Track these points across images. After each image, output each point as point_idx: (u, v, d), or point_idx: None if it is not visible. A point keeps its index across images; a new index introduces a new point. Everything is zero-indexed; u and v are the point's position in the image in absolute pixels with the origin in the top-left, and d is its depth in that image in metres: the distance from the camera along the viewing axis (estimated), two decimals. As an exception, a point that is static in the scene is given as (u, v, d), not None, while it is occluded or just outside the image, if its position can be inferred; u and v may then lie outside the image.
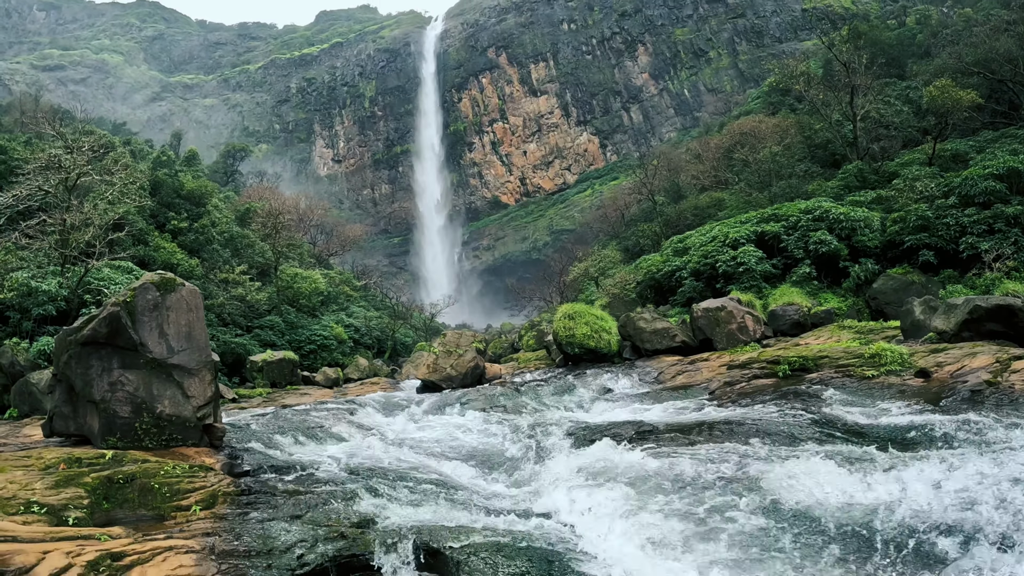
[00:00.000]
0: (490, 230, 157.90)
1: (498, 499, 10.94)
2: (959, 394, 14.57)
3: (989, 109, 55.60)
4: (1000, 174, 38.06)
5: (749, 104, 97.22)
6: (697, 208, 61.57)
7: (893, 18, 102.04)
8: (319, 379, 39.91)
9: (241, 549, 8.33)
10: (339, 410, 19.58)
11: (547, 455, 13.20)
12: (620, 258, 62.88)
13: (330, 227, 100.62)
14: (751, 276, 39.74)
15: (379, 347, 60.57)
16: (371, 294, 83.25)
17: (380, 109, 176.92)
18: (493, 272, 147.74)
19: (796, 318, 31.17)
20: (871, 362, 18.02)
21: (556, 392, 22.21)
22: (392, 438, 15.39)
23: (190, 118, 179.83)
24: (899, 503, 8.95)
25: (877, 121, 56.28)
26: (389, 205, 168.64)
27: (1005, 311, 19.75)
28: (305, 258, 72.38)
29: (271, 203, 67.24)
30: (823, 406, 15.26)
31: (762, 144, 61.00)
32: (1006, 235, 35.22)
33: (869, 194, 45.33)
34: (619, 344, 30.57)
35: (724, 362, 22.88)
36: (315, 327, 51.31)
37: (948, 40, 69.78)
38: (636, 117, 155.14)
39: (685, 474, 11.02)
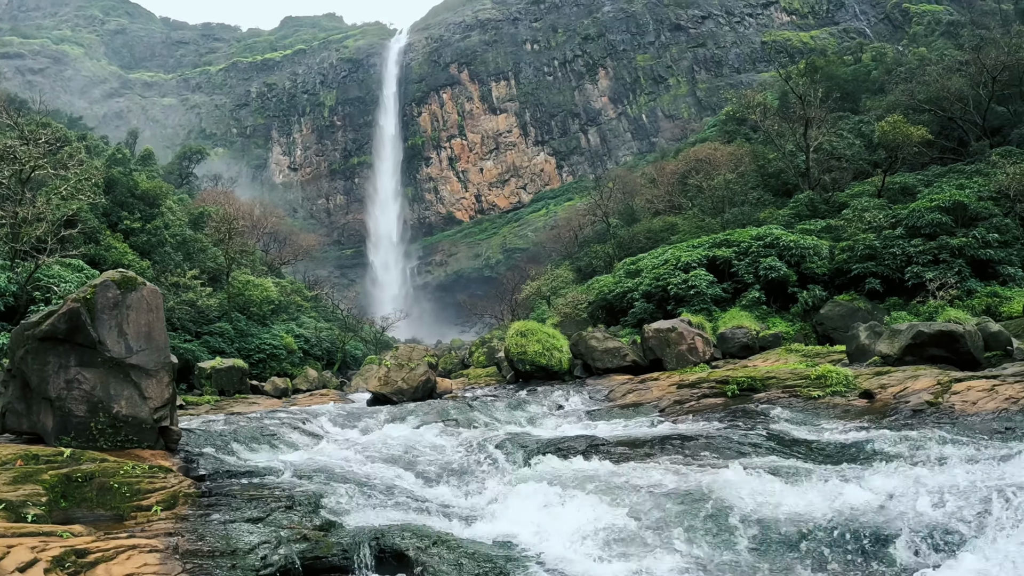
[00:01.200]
0: (443, 246, 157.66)
1: (456, 507, 11.07)
2: (901, 414, 15.16)
3: (938, 145, 57.18)
4: (946, 207, 39.17)
5: (705, 132, 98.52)
6: (650, 231, 62.21)
7: (850, 54, 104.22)
8: (268, 388, 39.65)
9: (205, 549, 8.36)
10: (291, 419, 19.49)
11: (501, 467, 13.39)
12: (572, 278, 63.30)
13: (283, 235, 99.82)
14: (702, 299, 40.30)
15: (329, 359, 60.23)
16: (322, 305, 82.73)
17: (339, 119, 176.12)
18: (445, 288, 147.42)
19: (745, 341, 31.78)
20: (817, 383, 18.49)
21: (508, 407, 22.33)
22: (346, 448, 15.38)
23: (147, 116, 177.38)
24: (842, 510, 9.35)
25: (829, 153, 57.48)
26: (343, 216, 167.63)
27: (947, 337, 20.50)
28: (257, 265, 71.83)
29: (226, 208, 66.60)
30: (771, 423, 15.67)
31: (717, 171, 61.88)
32: (950, 265, 36.40)
33: (819, 223, 46.29)
34: (570, 362, 30.86)
35: (674, 381, 23.18)
36: (265, 336, 50.94)
37: (902, 77, 71.52)
38: (594, 139, 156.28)
39: (638, 484, 11.25)
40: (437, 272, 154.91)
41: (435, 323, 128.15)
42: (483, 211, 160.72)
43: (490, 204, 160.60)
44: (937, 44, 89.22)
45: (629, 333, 38.51)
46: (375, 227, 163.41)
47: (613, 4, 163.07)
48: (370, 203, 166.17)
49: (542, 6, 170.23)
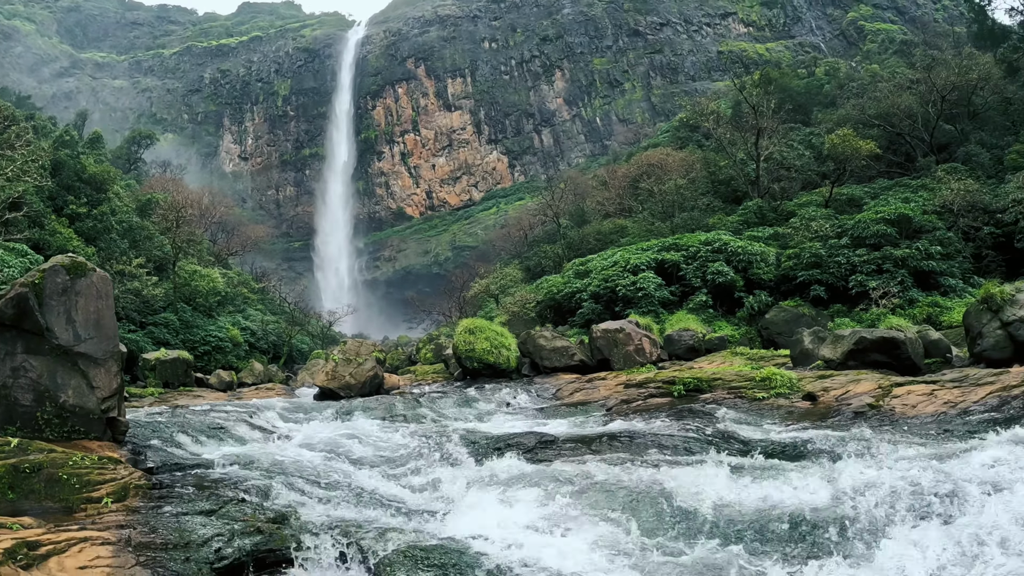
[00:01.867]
0: (392, 241, 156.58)
1: (409, 502, 11.13)
2: (843, 415, 15.64)
3: (886, 159, 58.48)
4: (891, 219, 40.18)
5: (658, 137, 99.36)
6: (600, 233, 62.54)
7: (804, 67, 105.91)
8: (213, 381, 39.20)
9: (158, 542, 8.32)
10: (238, 413, 19.37)
11: (452, 461, 13.47)
12: (521, 277, 63.40)
13: (232, 226, 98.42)
14: (650, 301, 40.67)
15: (275, 352, 59.61)
16: (269, 298, 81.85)
17: (293, 109, 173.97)
18: (393, 284, 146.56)
19: (691, 343, 32.18)
20: (762, 385, 18.86)
21: (455, 404, 22.46)
22: (296, 442, 15.30)
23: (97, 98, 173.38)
24: (779, 502, 9.75)
25: (779, 163, 58.41)
26: (293, 208, 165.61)
27: (889, 343, 21.19)
28: (204, 256, 70.82)
29: (174, 195, 65.56)
30: (716, 423, 15.96)
31: (668, 176, 62.49)
32: (893, 275, 37.43)
33: (767, 230, 47.05)
34: (518, 360, 30.98)
35: (621, 381, 23.44)
36: (211, 328, 50.34)
37: (853, 92, 72.86)
38: (547, 140, 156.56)
39: (589, 479, 11.42)
40: (386, 268, 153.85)
41: (382, 319, 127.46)
42: (434, 208, 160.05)
43: (441, 201, 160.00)
44: (890, 62, 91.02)
45: (577, 333, 38.72)
46: (325, 220, 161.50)
47: (573, 7, 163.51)
48: (320, 196, 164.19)
49: (502, 5, 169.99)
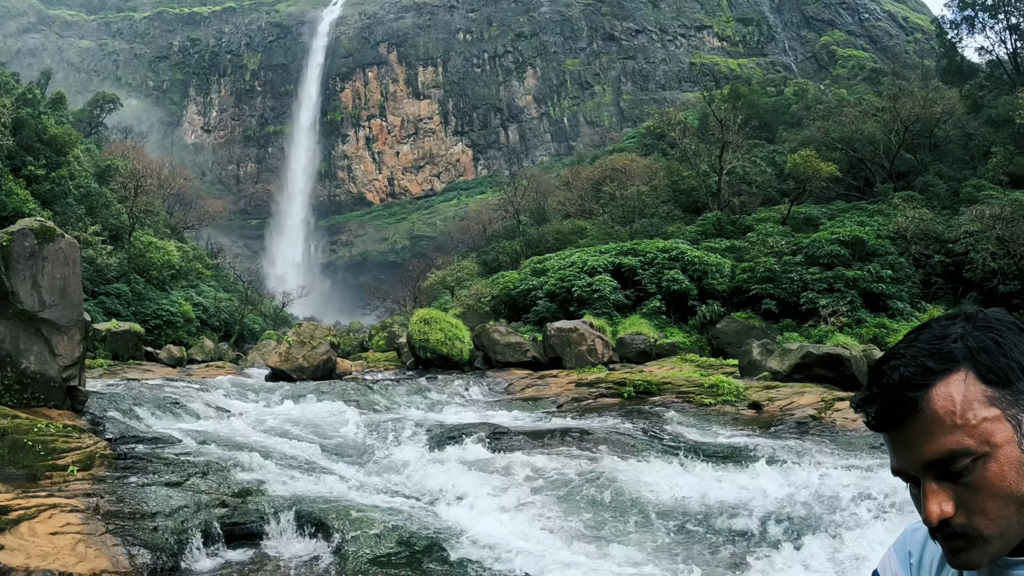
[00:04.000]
0: (351, 226, 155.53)
1: (368, 483, 11.31)
2: (786, 425, 16.18)
3: (846, 182, 59.70)
4: (846, 241, 41.07)
5: (624, 142, 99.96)
6: (559, 233, 62.91)
7: (773, 86, 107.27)
8: (163, 356, 38.79)
9: (126, 511, 8.40)
10: (191, 389, 19.57)
11: (408, 447, 13.67)
12: (478, 271, 63.50)
13: (190, 198, 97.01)
14: (604, 303, 41.04)
15: (226, 330, 59.08)
16: (223, 274, 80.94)
17: (260, 84, 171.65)
18: (349, 269, 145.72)
19: (643, 347, 32.56)
20: (710, 391, 19.30)
21: (408, 393, 22.52)
22: (252, 420, 15.48)
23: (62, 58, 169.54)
24: (720, 500, 10.17)
25: (741, 177, 59.19)
26: (253, 185, 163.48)
27: (834, 359, 21.92)
28: (161, 227, 69.92)
29: (134, 163, 64.49)
30: (665, 424, 16.39)
31: (631, 182, 62.87)
32: (843, 295, 38.38)
33: (724, 242, 47.76)
34: (471, 353, 31.16)
35: (572, 379, 23.74)
36: (163, 301, 49.78)
37: (820, 115, 73.92)
38: (513, 136, 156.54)
39: (542, 468, 11.82)
40: (342, 252, 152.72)
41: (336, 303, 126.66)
42: (395, 195, 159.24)
43: (402, 189, 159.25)
44: (858, 88, 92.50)
45: (530, 330, 38.95)
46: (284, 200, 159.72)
47: (551, 5, 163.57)
48: (282, 175, 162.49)
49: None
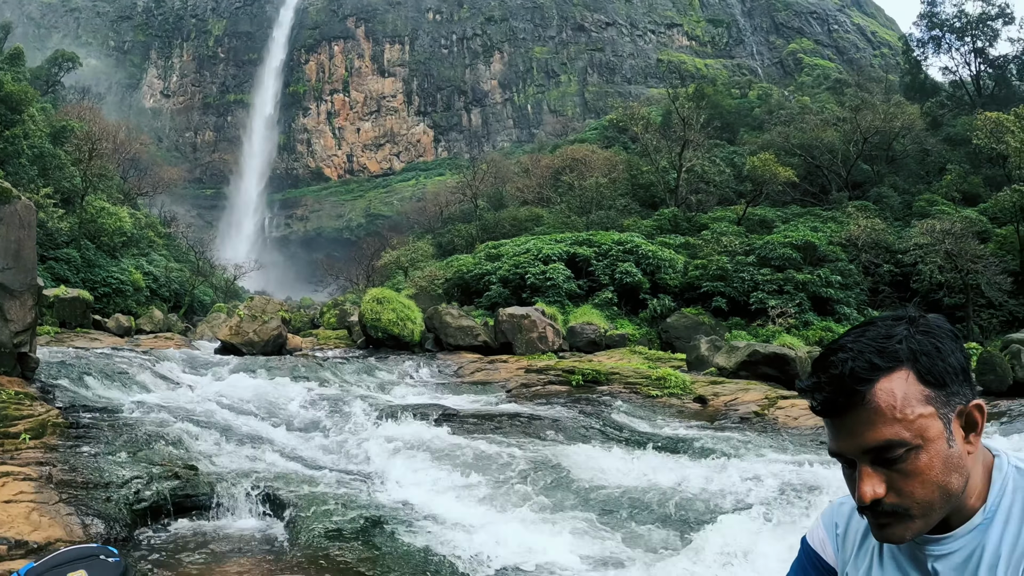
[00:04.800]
0: (307, 201, 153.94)
1: (319, 459, 11.39)
2: (730, 419, 16.59)
3: (802, 188, 60.53)
4: (798, 244, 41.78)
5: (586, 133, 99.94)
6: (516, 219, 62.90)
7: (738, 88, 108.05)
8: (111, 325, 38.09)
9: (79, 480, 8.39)
10: (141, 360, 19.24)
11: (359, 425, 13.75)
12: (432, 253, 63.26)
13: (145, 164, 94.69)
14: (557, 292, 41.13)
15: (176, 301, 58.03)
16: (175, 244, 79.51)
17: (224, 51, 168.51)
18: (303, 244, 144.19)
19: (592, 337, 32.65)
20: (657, 384, 19.53)
21: (358, 371, 22.51)
22: (203, 393, 15.44)
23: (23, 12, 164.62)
24: (668, 486, 10.49)
25: (700, 176, 59.68)
26: (209, 154, 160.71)
27: (780, 359, 22.47)
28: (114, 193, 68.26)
29: (90, 125, 63.04)
30: (612, 413, 16.65)
31: (590, 173, 63.05)
32: (793, 297, 39.10)
33: (679, 239, 48.19)
34: (422, 335, 31.04)
35: (522, 365, 23.96)
36: (113, 269, 48.84)
37: (781, 120, 74.74)
38: (475, 120, 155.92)
39: (491, 451, 12.00)
40: (297, 227, 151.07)
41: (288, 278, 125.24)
42: (353, 172, 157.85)
43: (361, 166, 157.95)
44: (821, 97, 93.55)
45: (482, 315, 38.88)
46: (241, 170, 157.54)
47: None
48: (240, 145, 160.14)
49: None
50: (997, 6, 75.14)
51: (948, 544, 2.03)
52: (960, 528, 2.02)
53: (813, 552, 2.45)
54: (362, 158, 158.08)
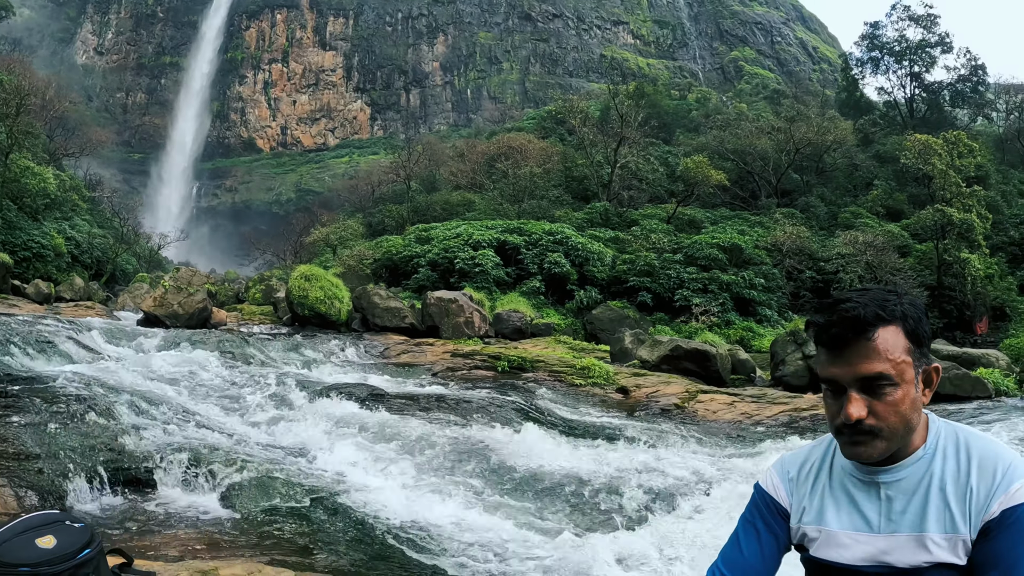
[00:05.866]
0: (237, 172, 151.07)
1: (251, 434, 11.46)
2: (651, 410, 17.05)
3: (732, 191, 61.92)
4: (725, 246, 42.76)
5: (524, 122, 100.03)
6: (448, 203, 62.84)
7: (678, 90, 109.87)
8: (30, 292, 37.25)
9: (10, 451, 8.29)
10: (62, 328, 18.94)
11: (288, 402, 13.86)
12: (362, 232, 62.84)
13: (73, 124, 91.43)
14: (485, 278, 41.20)
15: (98, 269, 56.51)
16: (100, 209, 77.19)
17: (163, 11, 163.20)
18: (230, 216, 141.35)
19: (519, 324, 32.81)
20: (581, 373, 19.89)
21: (284, 349, 22.38)
22: (129, 365, 15.32)
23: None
24: (588, 472, 10.74)
25: (634, 172, 60.43)
26: (140, 117, 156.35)
27: (701, 355, 22.98)
28: (39, 152, 66.06)
29: (20, 79, 60.92)
30: (536, 400, 16.92)
31: (525, 162, 63.19)
32: (716, 296, 40.10)
33: (609, 232, 48.78)
34: (349, 315, 30.84)
35: (449, 349, 24.10)
36: (35, 232, 47.40)
37: (717, 124, 76.32)
38: (414, 101, 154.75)
39: (419, 431, 12.22)
40: (225, 198, 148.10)
41: (213, 250, 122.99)
42: (286, 145, 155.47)
43: (294, 139, 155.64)
44: (758, 105, 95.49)
45: (409, 297, 38.79)
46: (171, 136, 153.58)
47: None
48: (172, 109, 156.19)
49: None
50: (937, 35, 78.51)
51: (899, 472, 2.59)
52: (907, 459, 2.58)
53: (766, 494, 2.91)
54: (296, 131, 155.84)
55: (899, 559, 2.55)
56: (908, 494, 2.56)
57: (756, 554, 2.86)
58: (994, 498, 2.46)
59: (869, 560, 2.60)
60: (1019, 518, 2.41)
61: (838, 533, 2.67)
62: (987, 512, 2.46)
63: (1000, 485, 2.46)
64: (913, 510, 2.55)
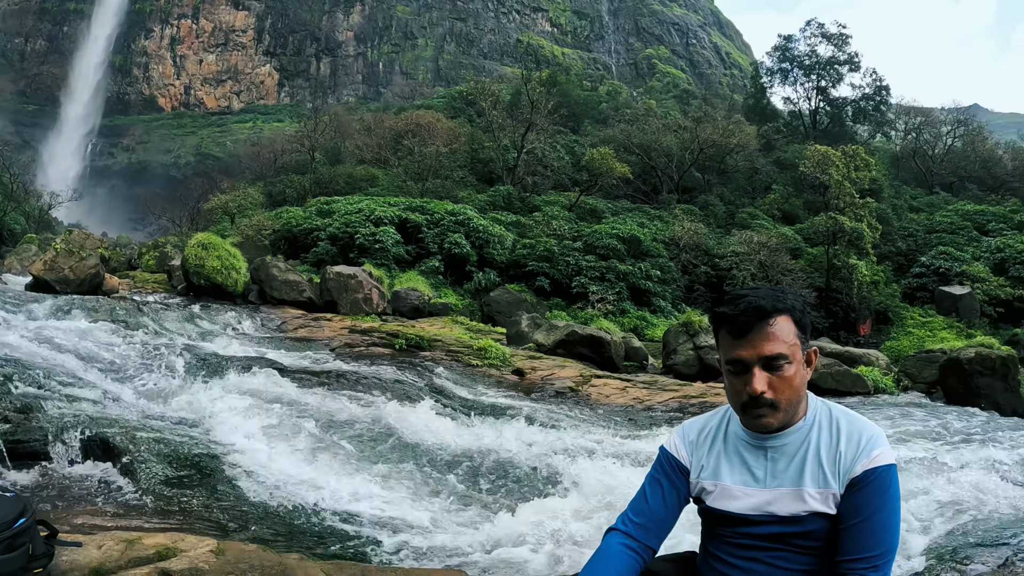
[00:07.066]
0: (136, 131, 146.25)
1: (149, 407, 11.28)
2: (546, 392, 17.38)
3: (635, 184, 63.27)
4: (624, 237, 43.77)
5: (434, 100, 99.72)
6: (352, 177, 62.35)
7: (590, 81, 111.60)
8: (-92, 252, 35.62)
9: None
10: None
11: (185, 374, 13.72)
12: (262, 202, 61.68)
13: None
14: (385, 255, 41.10)
15: (-19, 229, 54.45)
16: (-12, 163, 74.34)
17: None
18: (126, 176, 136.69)
19: (417, 303, 32.86)
20: (478, 354, 20.27)
21: (179, 319, 21.87)
22: (18, 332, 14.71)
23: None
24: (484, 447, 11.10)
25: (539, 159, 61.01)
26: (38, 65, 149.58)
27: (597, 341, 23.49)
28: (-75, 99, 63.12)
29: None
30: (434, 378, 17.16)
31: (432, 140, 63.07)
32: (613, 285, 41.05)
33: (511, 216, 49.28)
34: (246, 286, 30.25)
35: (346, 325, 23.97)
36: (-84, 184, 45.27)
37: (626, 118, 77.96)
38: (325, 69, 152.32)
39: (319, 406, 12.37)
40: (122, 157, 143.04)
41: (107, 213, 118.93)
42: (188, 105, 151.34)
43: (198, 100, 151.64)
44: (667, 103, 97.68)
45: (307, 270, 38.37)
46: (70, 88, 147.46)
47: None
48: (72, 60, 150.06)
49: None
50: (847, 54, 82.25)
51: (783, 438, 3.21)
52: (791, 428, 3.20)
53: (670, 454, 3.51)
54: (200, 92, 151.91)
55: (781, 508, 3.16)
56: (790, 456, 3.19)
57: (660, 504, 3.46)
58: (858, 461, 3.09)
59: (756, 510, 3.21)
60: (877, 477, 3.06)
61: (731, 487, 3.27)
62: (852, 472, 3.08)
63: (863, 451, 3.10)
64: (793, 469, 3.17)
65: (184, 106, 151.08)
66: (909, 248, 57.06)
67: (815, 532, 3.10)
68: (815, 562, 3.14)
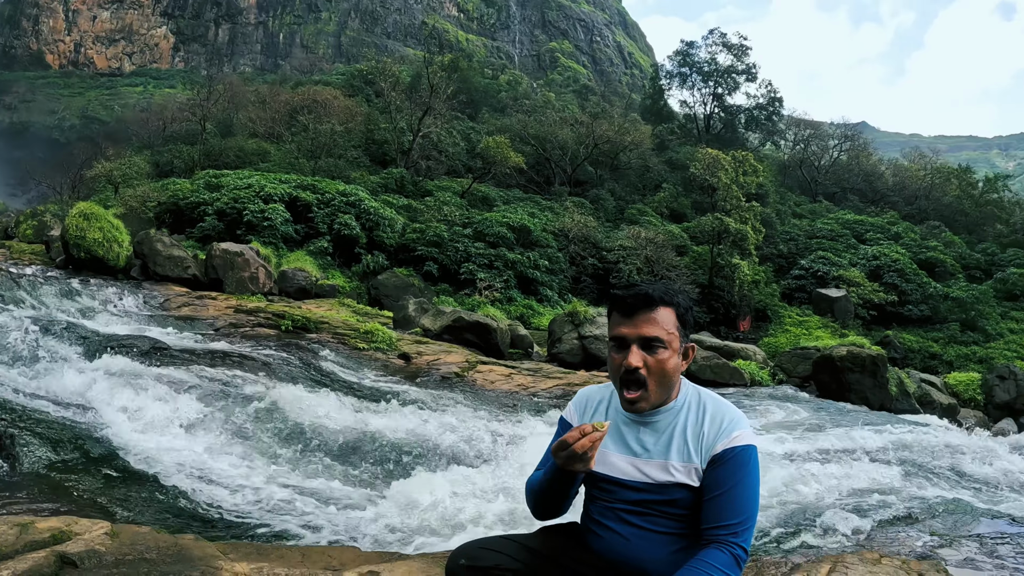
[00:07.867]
0: (20, 88, 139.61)
1: (28, 387, 11.16)
2: (432, 377, 17.63)
3: (529, 175, 64.09)
4: (514, 226, 44.49)
5: (333, 76, 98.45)
6: (243, 151, 61.10)
7: (491, 69, 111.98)
8: None
9: None
10: None
11: (66, 353, 13.38)
12: (148, 172, 59.84)
13: None
14: (274, 233, 40.54)
15: None
16: None
17: None
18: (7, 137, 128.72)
19: (304, 284, 32.67)
20: (364, 337, 20.34)
21: (58, 294, 21.23)
22: None
23: None
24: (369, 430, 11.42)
25: (435, 144, 61.15)
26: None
27: (483, 327, 24.14)
28: None
29: None
30: (321, 361, 17.16)
31: (328, 118, 62.42)
32: (501, 273, 41.68)
33: (402, 200, 49.36)
34: (128, 260, 29.49)
35: (232, 305, 23.67)
36: None
37: (524, 109, 79.23)
38: (223, 36, 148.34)
39: (204, 387, 12.36)
40: (2, 116, 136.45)
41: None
42: (77, 64, 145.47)
43: (87, 60, 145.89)
44: (566, 97, 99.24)
45: (193, 246, 37.56)
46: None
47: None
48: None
49: None
50: (746, 64, 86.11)
51: (656, 417, 3.62)
52: (662, 408, 3.61)
53: (567, 423, 3.92)
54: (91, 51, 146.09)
55: (649, 477, 3.58)
56: (660, 432, 3.62)
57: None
58: (719, 440, 3.52)
59: (628, 476, 3.63)
60: (736, 455, 3.49)
61: (610, 453, 3.68)
62: (713, 450, 3.51)
63: (724, 431, 3.53)
64: (662, 444, 3.60)
65: (73, 64, 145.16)
66: (790, 251, 59.95)
67: (679, 501, 3.53)
68: (681, 527, 3.56)
